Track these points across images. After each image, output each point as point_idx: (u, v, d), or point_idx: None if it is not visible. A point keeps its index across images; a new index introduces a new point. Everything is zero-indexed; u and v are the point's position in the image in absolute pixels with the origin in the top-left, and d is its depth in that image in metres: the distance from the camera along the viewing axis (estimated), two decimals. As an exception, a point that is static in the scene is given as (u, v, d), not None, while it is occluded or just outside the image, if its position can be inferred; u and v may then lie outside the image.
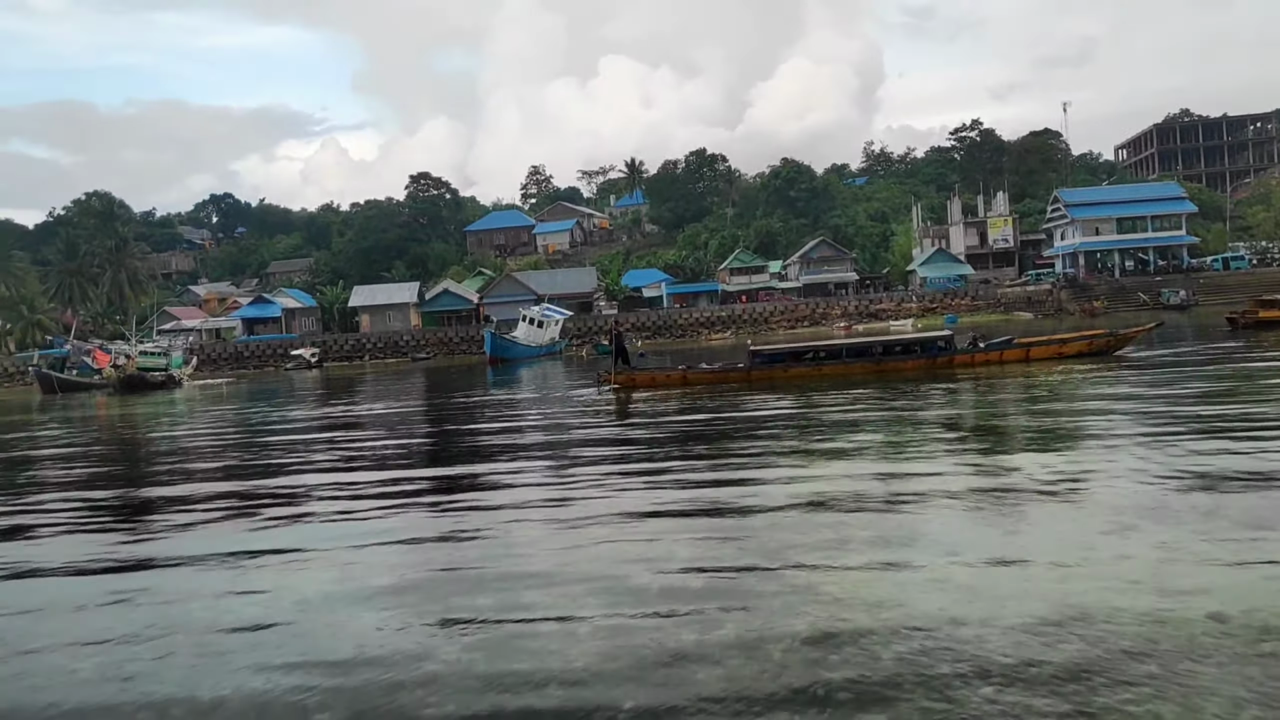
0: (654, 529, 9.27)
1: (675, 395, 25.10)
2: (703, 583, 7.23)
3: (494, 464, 15.36)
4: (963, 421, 15.83)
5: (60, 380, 57.02)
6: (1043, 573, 6.92)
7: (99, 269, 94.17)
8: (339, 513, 11.54)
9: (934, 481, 10.45)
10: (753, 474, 12.01)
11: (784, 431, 16.30)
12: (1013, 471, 10.85)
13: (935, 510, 9.14)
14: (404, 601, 7.29)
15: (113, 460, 20.94)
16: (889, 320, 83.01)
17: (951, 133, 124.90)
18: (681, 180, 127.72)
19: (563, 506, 10.91)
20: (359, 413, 29.59)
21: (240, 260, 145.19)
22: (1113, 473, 10.38)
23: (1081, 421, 14.82)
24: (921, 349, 25.81)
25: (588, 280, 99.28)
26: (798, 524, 8.96)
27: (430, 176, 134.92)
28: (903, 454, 12.76)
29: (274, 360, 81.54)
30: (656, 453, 14.87)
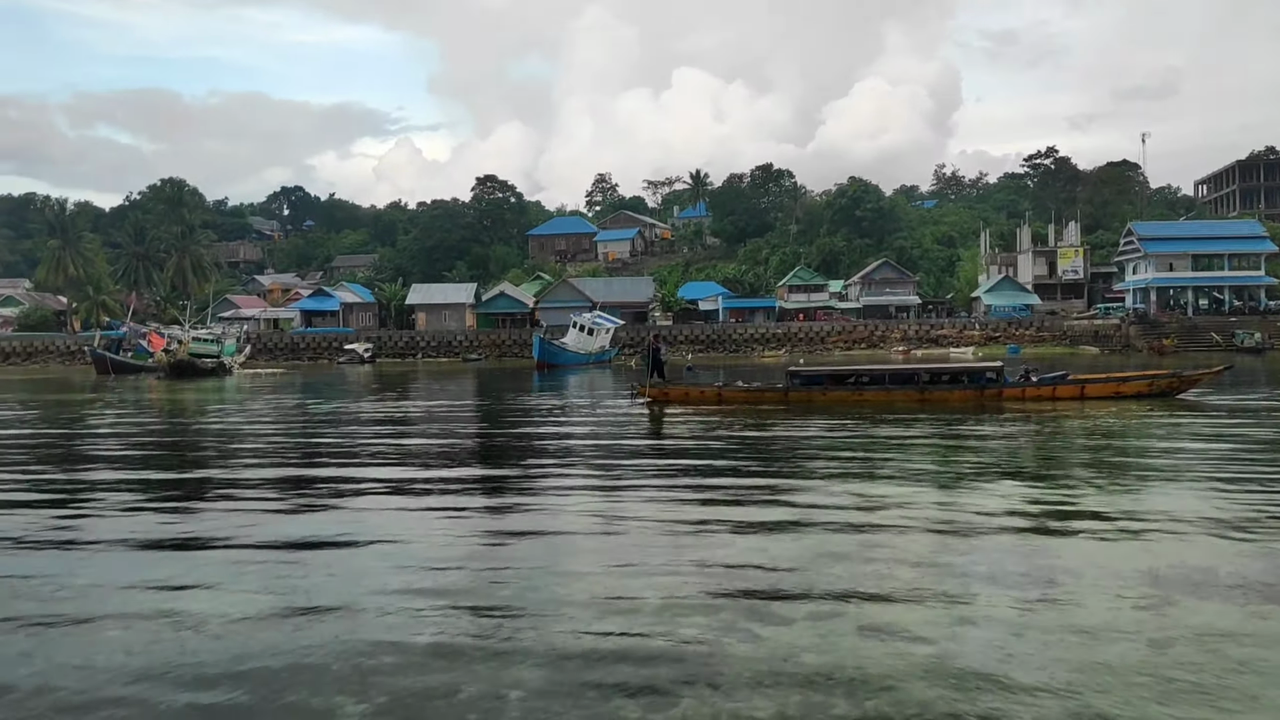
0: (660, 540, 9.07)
1: (707, 412, 24.25)
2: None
3: (504, 469, 14.67)
4: (998, 462, 14.69)
5: (114, 361, 57.69)
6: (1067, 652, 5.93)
7: (165, 254, 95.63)
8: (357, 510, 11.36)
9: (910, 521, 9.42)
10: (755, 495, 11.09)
11: (809, 455, 15.33)
12: (1052, 518, 9.79)
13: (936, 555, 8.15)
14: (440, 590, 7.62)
15: (147, 445, 20.58)
16: (949, 347, 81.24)
17: (1026, 159, 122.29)
18: (746, 194, 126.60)
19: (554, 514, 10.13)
20: (388, 410, 29.10)
21: (306, 253, 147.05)
22: (1159, 528, 9.28)
23: (1132, 471, 13.61)
24: (969, 379, 24.57)
25: (644, 290, 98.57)
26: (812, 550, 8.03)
27: (496, 179, 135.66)
28: (920, 487, 11.73)
29: (328, 353, 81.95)
30: (672, 467, 14.05)
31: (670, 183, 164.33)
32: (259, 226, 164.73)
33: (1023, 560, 8.24)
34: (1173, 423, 19.59)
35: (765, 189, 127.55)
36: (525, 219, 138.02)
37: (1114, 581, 7.47)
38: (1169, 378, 24.67)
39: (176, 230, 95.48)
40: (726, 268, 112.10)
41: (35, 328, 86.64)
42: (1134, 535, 9.11)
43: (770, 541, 9.16)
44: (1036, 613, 6.72)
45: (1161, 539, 8.94)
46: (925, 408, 23.44)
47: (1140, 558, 8.24)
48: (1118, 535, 9.11)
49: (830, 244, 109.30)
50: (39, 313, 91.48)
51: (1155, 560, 8.13)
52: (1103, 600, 6.99)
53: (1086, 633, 6.26)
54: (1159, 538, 8.99)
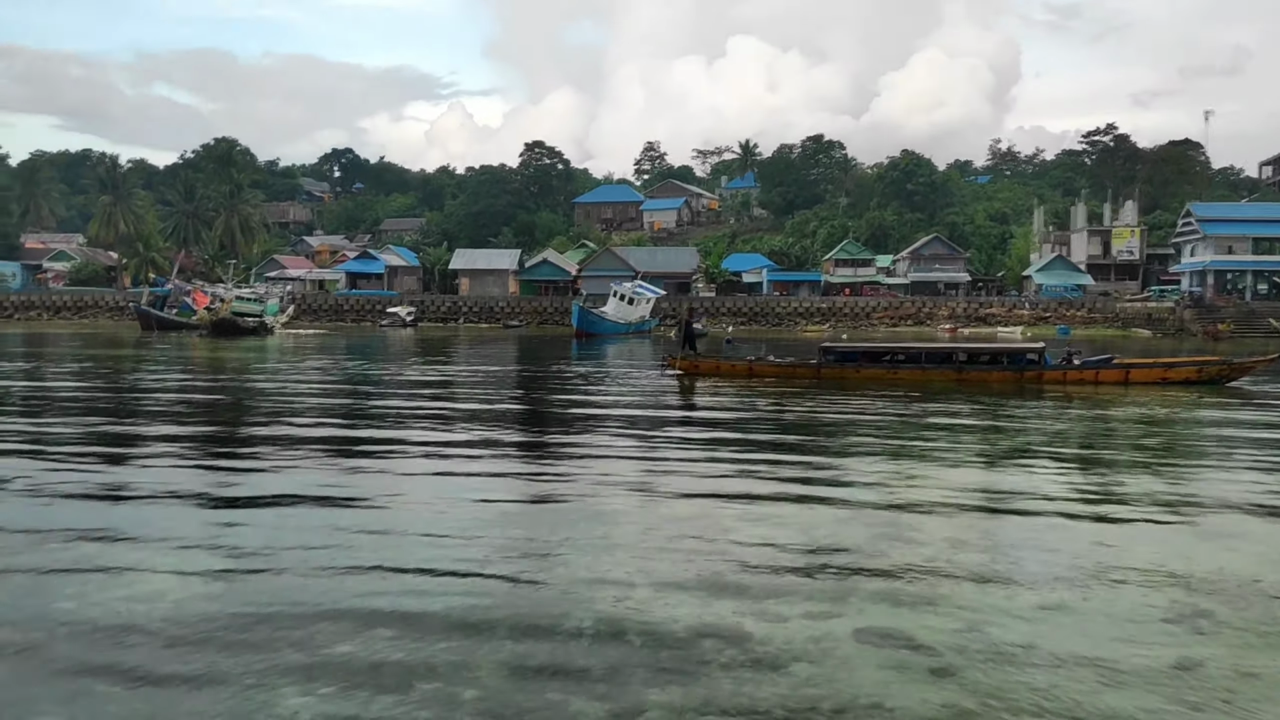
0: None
1: (737, 386, 23.80)
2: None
3: (528, 436, 14.37)
4: (1029, 445, 14.06)
5: (159, 318, 58.23)
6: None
7: (214, 213, 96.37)
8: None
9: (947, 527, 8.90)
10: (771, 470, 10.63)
11: (837, 434, 14.81)
12: (1072, 518, 9.23)
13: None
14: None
15: (186, 403, 20.52)
16: (997, 326, 79.78)
17: (1084, 136, 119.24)
18: (795, 165, 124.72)
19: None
20: (419, 374, 28.91)
21: (355, 215, 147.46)
22: (1193, 532, 8.69)
23: (1171, 463, 12.94)
24: (1009, 361, 23.82)
25: (688, 260, 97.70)
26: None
27: (544, 145, 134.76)
28: (933, 466, 11.18)
29: (371, 316, 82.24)
30: (697, 440, 13.66)
31: (719, 152, 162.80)
32: (309, 188, 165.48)
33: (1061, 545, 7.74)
34: (1221, 412, 18.79)
35: (815, 160, 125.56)
36: (572, 186, 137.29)
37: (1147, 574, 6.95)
38: (1219, 364, 23.70)
39: (225, 189, 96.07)
40: (773, 240, 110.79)
41: (86, 283, 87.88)
42: (1177, 522, 8.54)
43: (797, 515, 8.84)
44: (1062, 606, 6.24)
45: (1201, 530, 8.36)
46: (962, 388, 22.78)
47: (1179, 545, 7.69)
48: (1154, 525, 8.54)
49: (880, 218, 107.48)
50: (90, 268, 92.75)
51: (1194, 550, 7.58)
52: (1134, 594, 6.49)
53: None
54: (1200, 526, 8.41)
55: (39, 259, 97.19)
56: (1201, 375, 23.21)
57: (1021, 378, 23.26)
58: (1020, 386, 22.88)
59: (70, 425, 16.41)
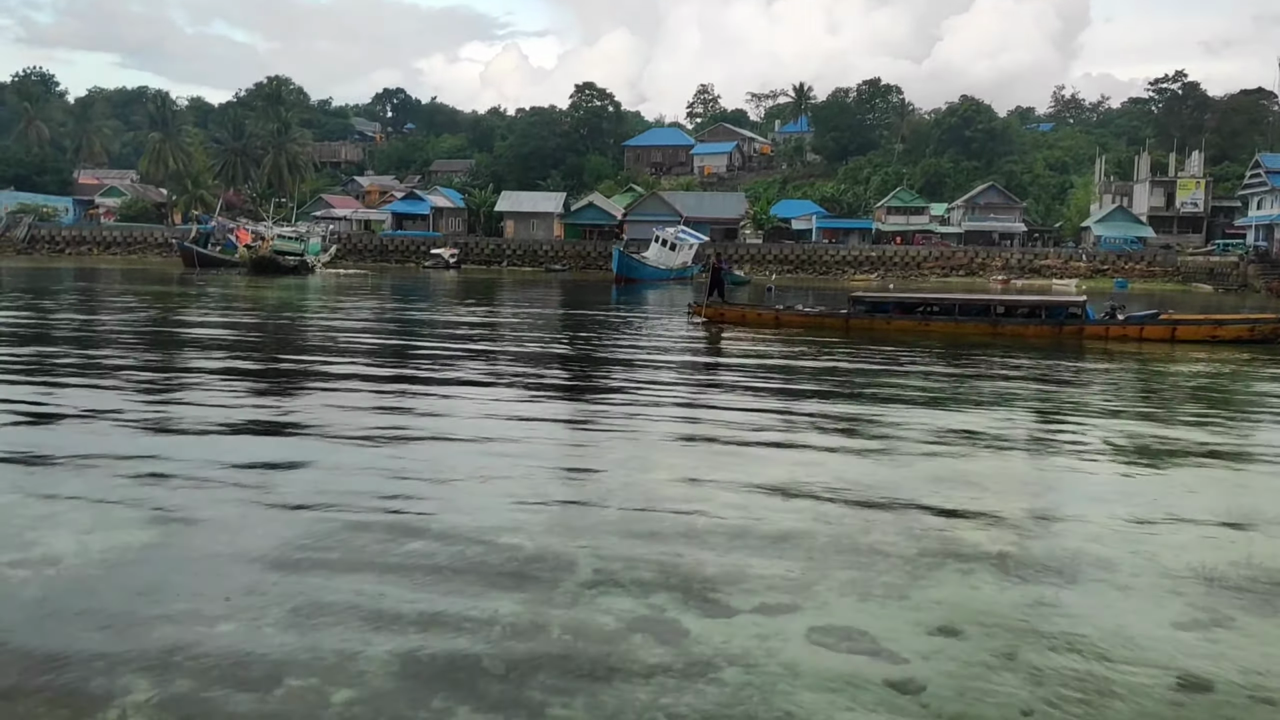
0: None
1: (763, 336, 22.96)
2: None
3: (532, 382, 13.73)
4: (1052, 407, 13.11)
5: (201, 255, 58.31)
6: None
7: (261, 151, 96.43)
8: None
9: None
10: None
11: (842, 387, 13.96)
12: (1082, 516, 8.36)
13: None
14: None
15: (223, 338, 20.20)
16: (1052, 278, 77.65)
17: (1150, 83, 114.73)
18: (851, 110, 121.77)
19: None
20: (447, 316, 28.39)
21: (406, 156, 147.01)
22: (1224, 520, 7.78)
23: (1214, 433, 11.93)
24: (1047, 314, 22.66)
25: (736, 206, 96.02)
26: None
27: (595, 87, 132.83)
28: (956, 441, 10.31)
29: (415, 257, 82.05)
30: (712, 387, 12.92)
31: (774, 96, 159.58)
32: (361, 128, 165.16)
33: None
34: (1273, 373, 17.61)
35: (871, 105, 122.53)
36: (623, 129, 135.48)
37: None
38: (1274, 323, 22.28)
39: (273, 128, 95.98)
40: (825, 186, 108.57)
41: (135, 219, 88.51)
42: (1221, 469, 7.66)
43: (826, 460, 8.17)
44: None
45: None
46: (997, 342, 21.74)
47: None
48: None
49: (936, 165, 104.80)
50: (139, 204, 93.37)
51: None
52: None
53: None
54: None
55: (92, 195, 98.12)
56: (1254, 334, 21.85)
57: (1060, 333, 22.13)
58: (1059, 342, 21.76)
59: (119, 354, 16.07)
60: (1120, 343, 21.68)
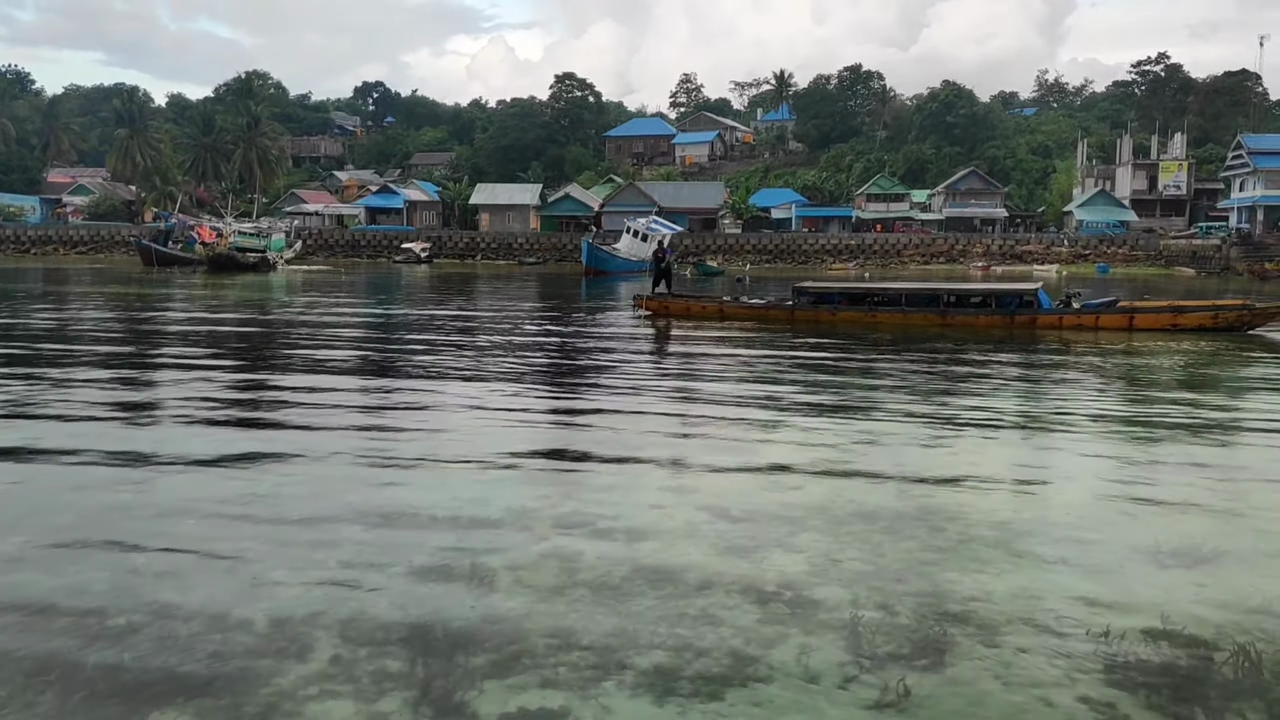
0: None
1: (707, 329, 21.89)
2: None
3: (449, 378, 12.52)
4: (983, 417, 11.95)
5: (159, 253, 56.93)
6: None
7: (231, 146, 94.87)
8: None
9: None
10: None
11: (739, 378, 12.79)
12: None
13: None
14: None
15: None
16: (1033, 264, 76.68)
17: (1133, 65, 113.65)
18: (833, 97, 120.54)
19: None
20: (378, 312, 27.17)
21: (386, 150, 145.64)
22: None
23: (1155, 436, 10.80)
24: (997, 303, 21.50)
25: (714, 195, 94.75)
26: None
27: (575, 78, 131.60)
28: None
29: (388, 252, 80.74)
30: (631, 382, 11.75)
31: (758, 84, 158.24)
32: (342, 122, 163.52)
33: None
34: (1229, 365, 16.46)
35: (853, 92, 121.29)
36: (604, 119, 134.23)
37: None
38: (1238, 310, 21.04)
39: (242, 122, 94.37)
40: (806, 174, 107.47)
41: (104, 217, 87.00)
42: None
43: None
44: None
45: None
46: (946, 333, 20.63)
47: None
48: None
49: (917, 151, 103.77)
50: (108, 202, 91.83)
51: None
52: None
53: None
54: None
55: (62, 193, 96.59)
56: (1217, 321, 20.63)
57: (1012, 322, 20.97)
58: (1011, 332, 20.63)
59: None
60: (1075, 332, 20.52)
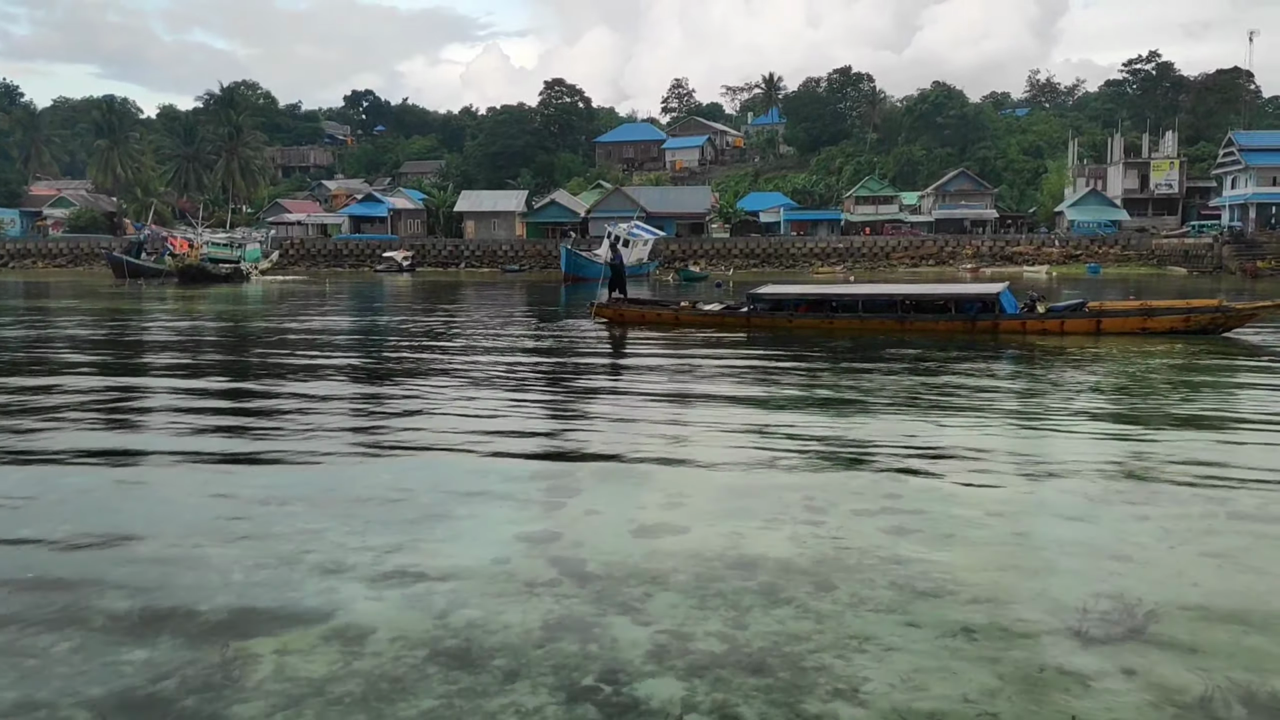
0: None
1: (662, 336, 21.06)
2: None
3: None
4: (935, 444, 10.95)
5: (130, 265, 55.88)
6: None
7: (213, 156, 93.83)
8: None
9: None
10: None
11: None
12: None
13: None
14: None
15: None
16: (1023, 265, 75.74)
17: (1124, 64, 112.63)
18: (822, 99, 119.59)
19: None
20: (320, 322, 26.17)
21: (376, 158, 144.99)
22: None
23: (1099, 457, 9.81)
24: (957, 308, 20.50)
25: (701, 200, 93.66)
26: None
27: (564, 84, 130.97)
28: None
29: (370, 261, 79.75)
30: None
31: (750, 88, 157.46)
32: (332, 131, 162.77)
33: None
34: (1200, 372, 15.45)
35: (843, 94, 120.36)
36: (594, 125, 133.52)
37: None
38: (1211, 312, 20.01)
39: (223, 132, 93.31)
40: (797, 178, 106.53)
41: (84, 229, 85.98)
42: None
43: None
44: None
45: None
46: (905, 340, 19.67)
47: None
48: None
49: (908, 153, 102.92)
50: (88, 214, 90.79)
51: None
52: None
53: None
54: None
55: (43, 206, 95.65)
56: (1189, 324, 19.58)
57: (973, 328, 19.99)
58: (972, 338, 19.66)
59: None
60: (1040, 337, 19.53)
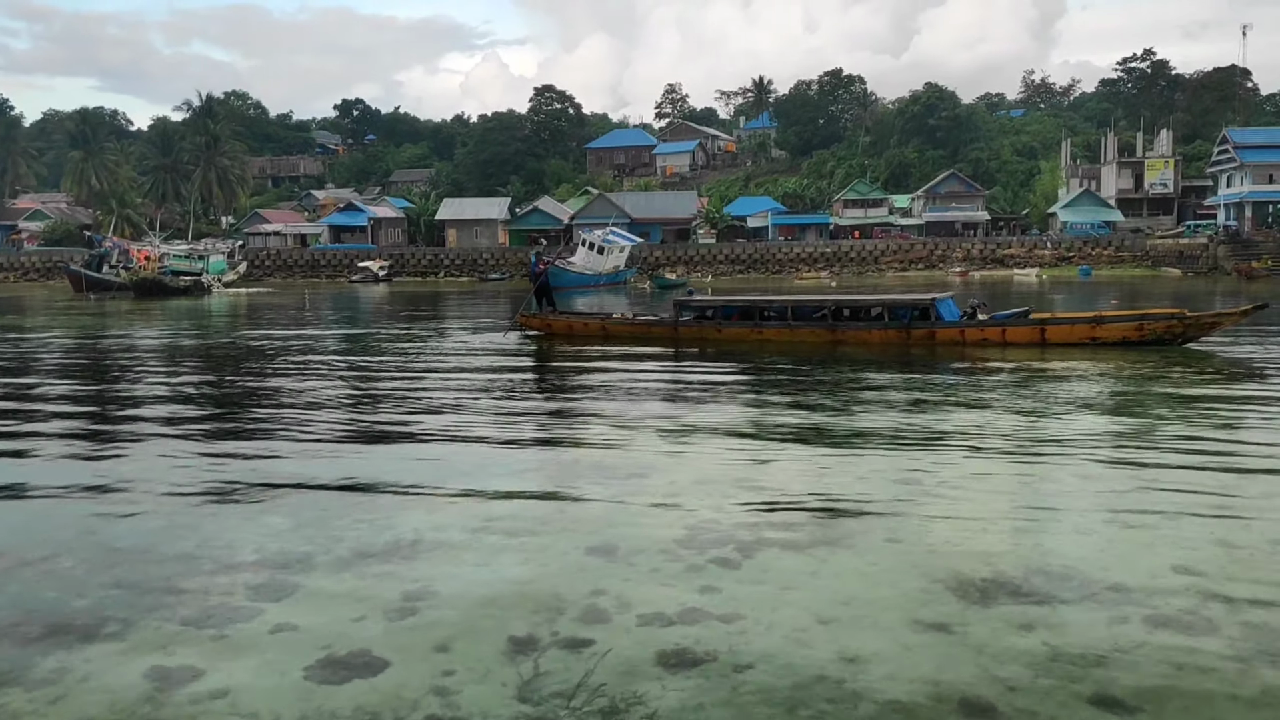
0: None
1: (588, 349, 19.56)
2: None
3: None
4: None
5: (89, 278, 54.39)
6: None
7: (191, 166, 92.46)
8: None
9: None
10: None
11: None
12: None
13: None
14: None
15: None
16: (1014, 268, 74.03)
17: (1119, 63, 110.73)
18: (813, 103, 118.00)
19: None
20: (242, 338, 24.59)
21: (367, 167, 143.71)
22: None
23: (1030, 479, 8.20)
24: (890, 316, 18.85)
25: (688, 205, 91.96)
26: None
27: (554, 90, 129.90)
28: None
29: (348, 271, 78.23)
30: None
31: (743, 93, 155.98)
32: (324, 140, 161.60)
33: None
34: (1166, 382, 13.78)
35: (834, 97, 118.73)
36: (585, 132, 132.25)
37: None
38: (1166, 319, 18.21)
39: (200, 141, 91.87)
40: (788, 182, 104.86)
41: (60, 242, 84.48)
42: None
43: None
44: None
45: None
46: (838, 349, 18.06)
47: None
48: None
49: (900, 155, 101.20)
50: (63, 227, 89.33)
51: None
52: None
53: None
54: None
55: (19, 219, 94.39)
56: (1143, 334, 17.78)
57: (909, 337, 18.34)
58: (906, 348, 18.02)
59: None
60: (980, 348, 17.87)
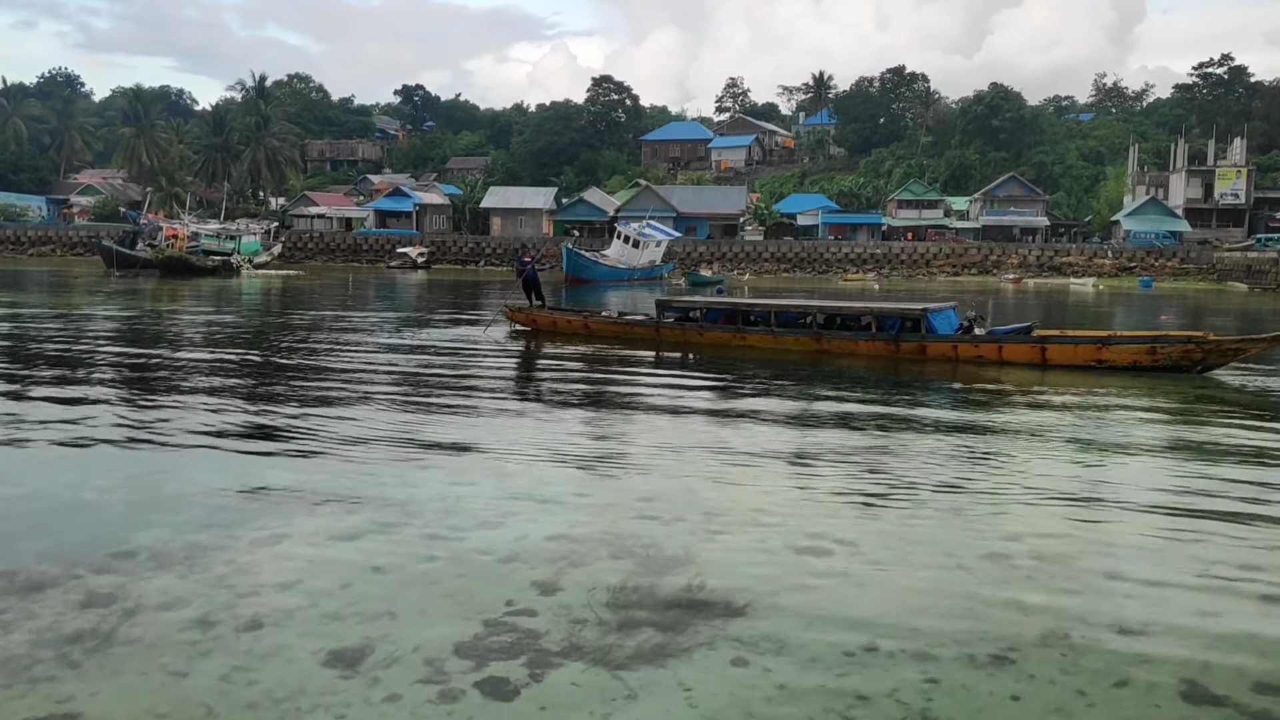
0: None
1: (571, 346, 18.41)
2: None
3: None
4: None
5: (119, 254, 54.26)
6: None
7: (241, 146, 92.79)
8: None
9: None
10: None
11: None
12: None
13: None
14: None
15: None
16: (1070, 277, 71.25)
17: (1194, 68, 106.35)
18: (874, 100, 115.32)
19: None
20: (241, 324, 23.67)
21: (424, 153, 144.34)
22: None
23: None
24: (879, 326, 17.25)
25: (736, 201, 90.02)
26: None
27: (612, 80, 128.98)
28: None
29: (388, 256, 77.84)
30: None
31: (805, 89, 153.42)
32: (384, 126, 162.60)
33: None
34: (1179, 417, 12.13)
35: (896, 94, 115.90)
36: (641, 124, 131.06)
37: None
38: (1183, 343, 16.31)
39: (250, 122, 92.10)
40: (844, 180, 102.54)
41: (109, 218, 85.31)
42: None
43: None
44: None
45: None
46: (823, 359, 16.58)
47: None
48: None
49: (960, 156, 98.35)
50: (114, 203, 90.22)
51: None
52: None
53: None
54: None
55: (72, 194, 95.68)
56: (1156, 358, 15.94)
57: (898, 350, 16.76)
58: (894, 362, 16.45)
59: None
60: (974, 365, 16.23)
